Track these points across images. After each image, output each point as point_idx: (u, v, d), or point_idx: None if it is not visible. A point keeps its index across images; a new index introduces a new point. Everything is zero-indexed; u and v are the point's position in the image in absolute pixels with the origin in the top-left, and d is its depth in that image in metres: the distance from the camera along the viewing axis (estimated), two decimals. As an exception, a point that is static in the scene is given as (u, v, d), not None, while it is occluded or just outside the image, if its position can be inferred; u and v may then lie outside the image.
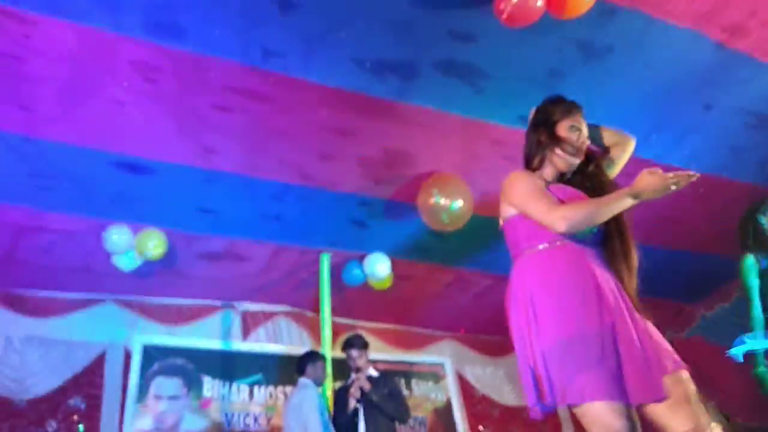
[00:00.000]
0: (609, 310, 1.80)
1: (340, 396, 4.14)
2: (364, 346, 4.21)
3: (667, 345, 1.84)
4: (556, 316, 1.83)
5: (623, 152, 2.21)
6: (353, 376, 4.13)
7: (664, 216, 4.57)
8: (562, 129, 2.12)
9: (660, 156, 4.09)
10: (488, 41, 3.30)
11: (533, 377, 1.82)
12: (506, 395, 6.60)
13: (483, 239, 5.22)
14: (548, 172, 2.15)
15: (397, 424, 4.16)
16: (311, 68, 3.42)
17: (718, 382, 6.42)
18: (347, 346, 4.22)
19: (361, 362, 4.12)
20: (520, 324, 1.91)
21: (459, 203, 4.26)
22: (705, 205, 4.61)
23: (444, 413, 6.36)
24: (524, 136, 2.31)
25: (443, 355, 6.69)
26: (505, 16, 2.87)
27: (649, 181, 1.81)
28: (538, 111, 2.27)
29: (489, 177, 4.45)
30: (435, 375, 6.56)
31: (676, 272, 5.34)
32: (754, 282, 3.27)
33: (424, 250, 5.31)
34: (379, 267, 5.04)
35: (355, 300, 5.68)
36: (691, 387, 1.74)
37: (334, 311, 5.40)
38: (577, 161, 2.12)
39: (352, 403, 3.99)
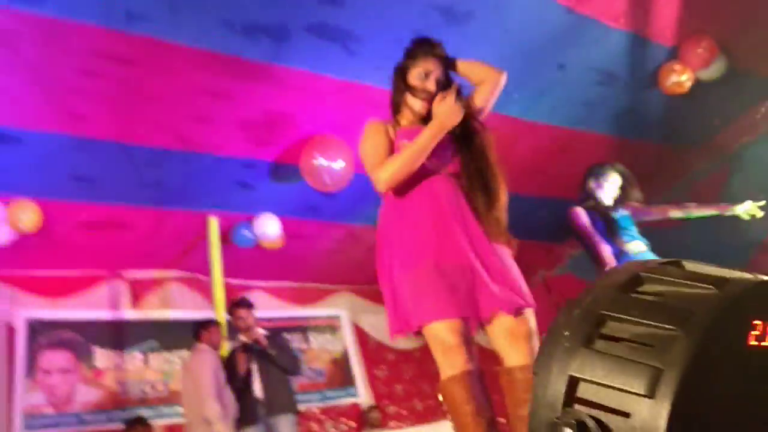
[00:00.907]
0: (451, 242, 1.94)
1: (231, 361, 4.27)
2: (250, 306, 4.35)
3: (515, 282, 1.98)
4: (403, 250, 1.98)
5: (494, 87, 2.19)
6: (241, 338, 4.27)
7: (529, 167, 4.95)
8: (413, 75, 2.13)
9: (523, 112, 4.43)
10: (355, 5, 3.42)
11: (393, 307, 1.99)
12: (399, 340, 6.94)
13: (370, 195, 5.41)
14: (406, 115, 2.18)
15: (290, 377, 4.37)
16: (179, 31, 3.39)
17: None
18: (234, 307, 4.34)
19: (250, 321, 4.26)
20: (382, 260, 2.07)
21: (341, 164, 4.40)
22: (564, 155, 5.05)
23: (341, 362, 6.64)
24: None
25: (339, 308, 6.93)
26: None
27: (440, 109, 2.00)
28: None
29: (369, 136, 4.61)
30: (332, 327, 6.80)
31: (544, 217, 5.80)
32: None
33: (313, 208, 5.43)
34: (268, 228, 5.12)
35: (247, 261, 5.73)
36: (533, 325, 1.95)
37: (228, 273, 5.44)
38: (428, 105, 2.11)
39: (244, 366, 4.14)
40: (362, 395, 6.54)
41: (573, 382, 0.56)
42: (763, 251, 5.13)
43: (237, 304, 4.39)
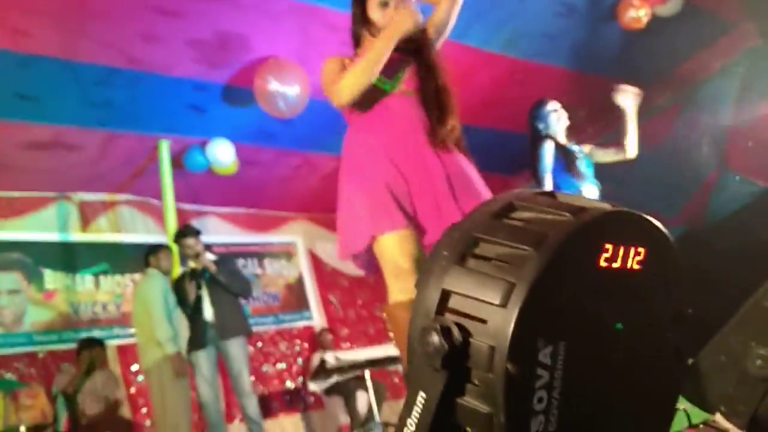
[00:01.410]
0: (407, 160, 1.99)
1: (180, 286, 4.31)
2: (197, 233, 4.35)
3: (478, 190, 2.00)
4: (357, 171, 2.05)
5: (452, 5, 2.18)
6: (190, 264, 4.30)
7: (487, 99, 4.96)
8: (372, 4, 2.12)
9: (482, 43, 4.39)
10: (311, -77, 3.26)
11: (345, 226, 2.05)
12: (354, 267, 7.09)
13: (327, 122, 5.35)
14: (367, 48, 2.16)
15: (240, 300, 4.46)
16: (125, -57, 3.21)
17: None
18: (180, 236, 4.34)
19: (198, 248, 4.28)
20: (340, 182, 2.11)
21: (295, 89, 4.32)
22: (523, 88, 5.05)
23: (296, 287, 6.77)
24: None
25: (295, 235, 6.99)
26: None
27: (395, 16, 2.01)
28: None
29: (326, 61, 4.52)
30: (287, 253, 6.88)
31: (501, 150, 5.87)
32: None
33: (269, 134, 5.36)
34: (222, 153, 5.05)
35: (201, 186, 5.68)
36: None
37: (180, 198, 5.40)
38: None
39: (193, 292, 4.20)
40: (316, 319, 6.72)
41: (445, 295, 0.65)
42: (703, 192, 5.35)
43: (182, 233, 4.38)
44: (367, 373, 5.04)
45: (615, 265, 0.62)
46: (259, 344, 6.12)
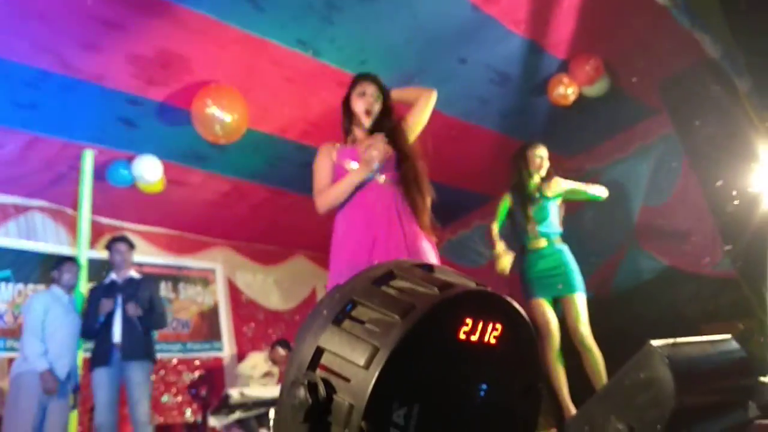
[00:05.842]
0: (381, 247, 2.37)
1: (94, 297, 4.16)
2: (131, 246, 4.34)
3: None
4: (339, 261, 2.45)
5: (425, 102, 2.74)
6: (112, 275, 4.22)
7: (422, 151, 5.10)
8: (354, 98, 2.66)
9: (420, 97, 4.54)
10: (267, -39, 3.34)
11: None
12: (273, 301, 7.03)
13: (261, 152, 5.36)
14: (356, 132, 2.70)
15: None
16: (75, -49, 3.17)
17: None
18: (114, 241, 4.33)
19: (128, 256, 4.25)
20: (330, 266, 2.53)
21: (234, 116, 4.31)
22: (455, 145, 5.26)
23: (209, 316, 6.59)
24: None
25: (215, 261, 6.85)
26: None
27: (365, 155, 2.48)
28: None
29: (268, 94, 4.56)
30: (204, 280, 6.71)
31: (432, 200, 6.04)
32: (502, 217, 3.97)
33: (201, 157, 5.29)
34: (149, 169, 4.93)
35: (122, 201, 5.51)
36: None
37: (99, 211, 5.21)
38: (368, 123, 2.64)
39: (106, 307, 4.08)
40: (226, 350, 6.55)
41: (319, 351, 0.69)
42: (612, 263, 5.65)
43: (121, 238, 4.44)
44: (272, 412, 4.92)
45: (473, 338, 0.68)
46: (162, 372, 5.89)
